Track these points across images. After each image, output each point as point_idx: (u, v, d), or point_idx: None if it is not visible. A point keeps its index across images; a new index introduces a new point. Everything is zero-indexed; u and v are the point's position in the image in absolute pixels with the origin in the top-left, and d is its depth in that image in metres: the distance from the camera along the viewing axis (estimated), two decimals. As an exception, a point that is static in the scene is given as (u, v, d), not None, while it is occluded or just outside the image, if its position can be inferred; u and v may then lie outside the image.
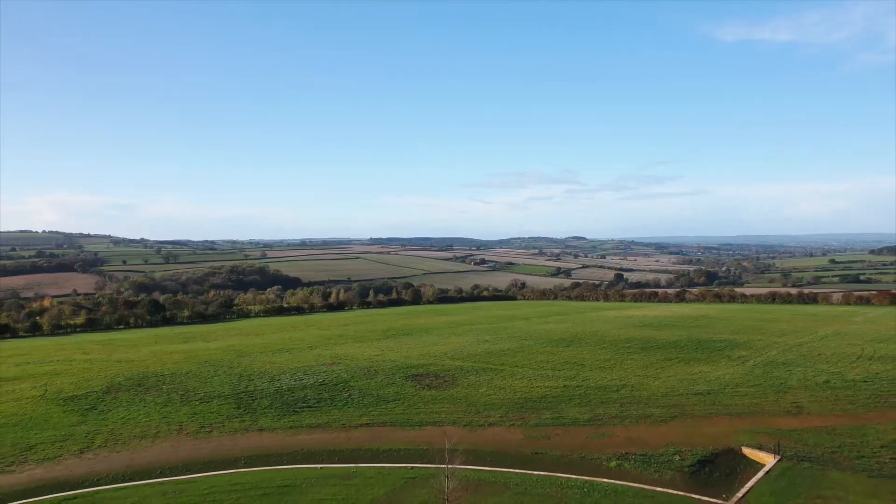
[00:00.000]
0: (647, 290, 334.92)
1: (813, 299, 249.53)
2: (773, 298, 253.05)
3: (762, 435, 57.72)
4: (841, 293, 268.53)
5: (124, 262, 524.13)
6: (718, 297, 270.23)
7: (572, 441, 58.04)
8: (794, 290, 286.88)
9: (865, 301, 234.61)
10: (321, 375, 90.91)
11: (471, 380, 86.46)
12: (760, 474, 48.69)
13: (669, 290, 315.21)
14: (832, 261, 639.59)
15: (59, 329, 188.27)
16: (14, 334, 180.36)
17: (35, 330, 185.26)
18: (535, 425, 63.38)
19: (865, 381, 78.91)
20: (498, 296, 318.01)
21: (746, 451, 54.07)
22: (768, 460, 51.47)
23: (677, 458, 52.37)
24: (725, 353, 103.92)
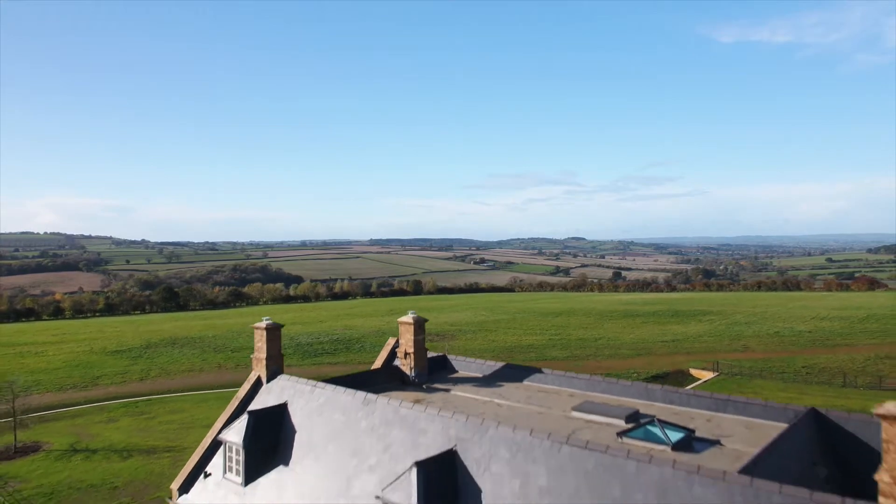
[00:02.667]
0: (641, 281, 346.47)
1: (796, 286, 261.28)
2: (758, 286, 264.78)
3: (709, 363, 69.22)
4: (823, 281, 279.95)
5: (127, 262, 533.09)
6: (707, 287, 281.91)
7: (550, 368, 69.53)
8: (779, 280, 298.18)
9: (845, 287, 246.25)
10: (335, 335, 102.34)
11: (468, 336, 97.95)
12: (699, 382, 60.29)
13: (662, 285, 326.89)
14: (829, 259, 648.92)
15: (79, 313, 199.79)
16: (38, 317, 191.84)
17: (58, 314, 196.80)
18: (520, 360, 74.90)
19: (811, 332, 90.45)
20: (496, 288, 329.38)
21: (693, 370, 65.66)
22: (708, 375, 63.06)
23: (635, 375, 63.84)
24: (697, 318, 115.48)
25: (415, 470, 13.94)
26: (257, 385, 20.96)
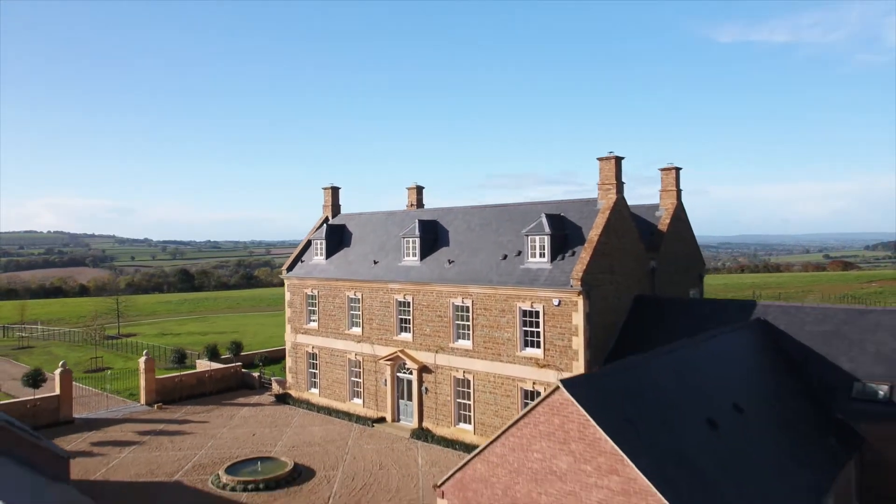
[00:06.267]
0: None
1: (777, 269, 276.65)
2: (741, 269, 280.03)
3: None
4: (801, 263, 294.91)
5: (132, 258, 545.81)
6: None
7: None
8: (762, 264, 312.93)
9: (822, 269, 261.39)
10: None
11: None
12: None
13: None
14: (826, 256, 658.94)
15: (103, 291, 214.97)
16: (66, 294, 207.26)
17: (83, 293, 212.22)
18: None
19: (757, 286, 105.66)
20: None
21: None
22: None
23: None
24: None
25: (417, 222, 29.29)
26: (325, 220, 36.28)
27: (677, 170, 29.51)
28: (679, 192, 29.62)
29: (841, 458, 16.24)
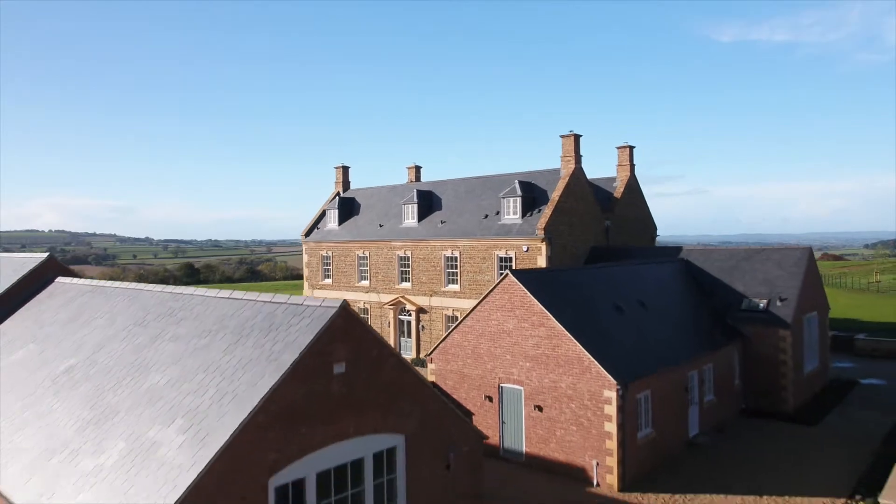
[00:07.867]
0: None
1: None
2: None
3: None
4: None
5: (134, 257, 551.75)
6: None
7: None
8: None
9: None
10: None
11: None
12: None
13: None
14: (826, 254, 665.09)
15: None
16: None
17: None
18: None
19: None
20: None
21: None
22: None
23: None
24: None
25: (415, 191, 35.41)
26: (337, 194, 42.41)
27: (631, 148, 35.56)
28: (633, 166, 35.69)
29: (719, 343, 22.35)
